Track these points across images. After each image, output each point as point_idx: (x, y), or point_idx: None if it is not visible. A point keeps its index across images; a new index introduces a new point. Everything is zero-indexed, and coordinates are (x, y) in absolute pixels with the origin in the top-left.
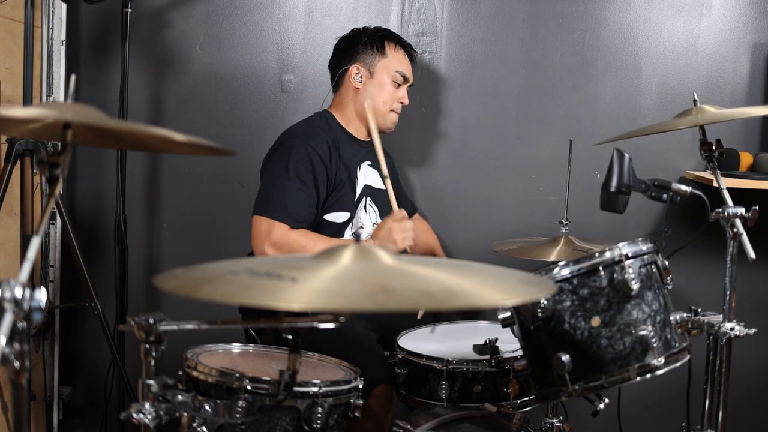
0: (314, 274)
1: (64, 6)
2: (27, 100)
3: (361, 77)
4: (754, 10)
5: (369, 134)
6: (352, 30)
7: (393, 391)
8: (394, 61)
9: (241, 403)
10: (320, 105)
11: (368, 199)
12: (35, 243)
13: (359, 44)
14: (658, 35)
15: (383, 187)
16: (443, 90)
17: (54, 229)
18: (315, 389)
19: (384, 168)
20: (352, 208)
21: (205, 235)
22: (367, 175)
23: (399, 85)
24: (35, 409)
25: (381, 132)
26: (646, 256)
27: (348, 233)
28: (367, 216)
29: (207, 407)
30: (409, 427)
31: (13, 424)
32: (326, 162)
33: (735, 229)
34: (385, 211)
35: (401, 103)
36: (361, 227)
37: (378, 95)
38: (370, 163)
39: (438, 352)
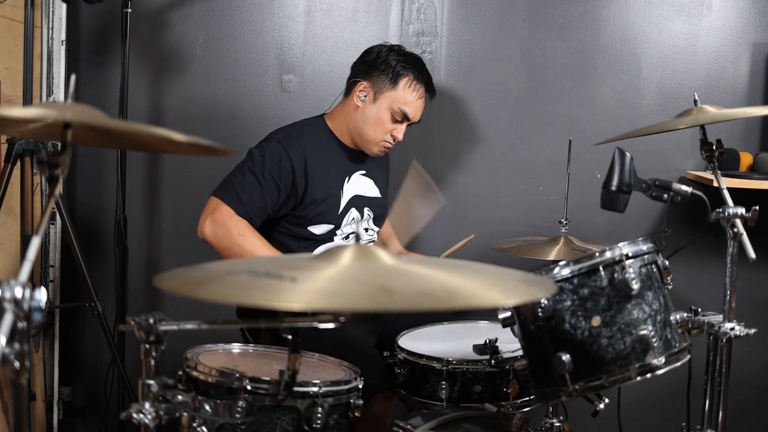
0: (314, 274)
1: (64, 6)
2: (27, 100)
3: (365, 96)
4: (754, 10)
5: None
6: (388, 45)
7: (392, 398)
8: (401, 98)
9: (241, 403)
10: (320, 105)
11: (366, 209)
12: (35, 243)
13: (379, 63)
14: (658, 35)
15: (379, 195)
16: (443, 90)
17: (54, 229)
18: (315, 389)
19: (403, 240)
20: (337, 220)
21: None
22: (357, 185)
23: (398, 121)
24: (35, 409)
25: (365, 152)
26: (646, 256)
27: (338, 239)
28: (361, 225)
29: (207, 407)
30: (409, 427)
31: (13, 424)
32: (297, 171)
33: (735, 229)
34: (381, 218)
35: (393, 137)
36: (360, 223)
37: (372, 122)
38: (364, 172)
39: (438, 352)
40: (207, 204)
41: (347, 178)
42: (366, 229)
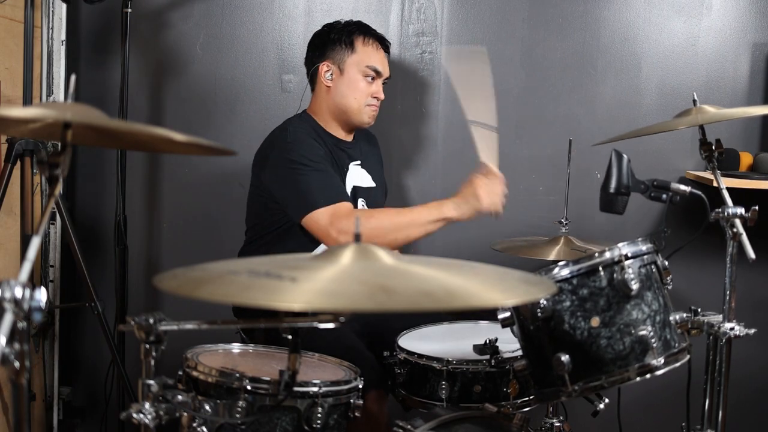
0: (314, 274)
1: (64, 6)
2: (27, 100)
3: (331, 75)
4: (754, 10)
5: (349, 132)
6: (324, 26)
7: (386, 396)
8: (364, 56)
9: (241, 403)
10: (299, 106)
11: (361, 200)
12: (35, 243)
13: (328, 41)
14: (658, 35)
15: (373, 185)
16: (443, 90)
17: (54, 229)
18: (315, 389)
19: (472, 115)
20: None
21: (205, 235)
22: (354, 176)
23: (372, 79)
24: (35, 409)
25: (359, 127)
26: (645, 256)
27: None
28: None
29: (207, 407)
30: (409, 427)
31: (13, 424)
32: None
33: (735, 229)
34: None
35: (375, 97)
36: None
37: (349, 92)
38: (358, 162)
39: (438, 352)
40: (315, 225)
41: (347, 169)
42: None
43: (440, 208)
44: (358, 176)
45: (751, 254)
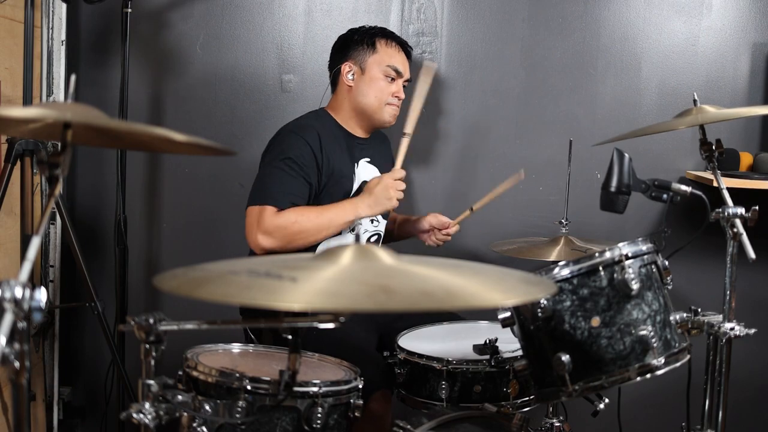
0: (314, 274)
1: (64, 6)
2: (27, 100)
3: (353, 74)
4: (754, 10)
5: (367, 131)
6: (348, 30)
7: (391, 396)
8: (386, 56)
9: (241, 403)
10: (318, 105)
11: None
12: (35, 243)
13: (351, 42)
14: (658, 35)
15: None
16: (443, 90)
17: (54, 229)
18: (315, 389)
19: (409, 126)
20: None
21: (205, 235)
22: (365, 172)
23: (392, 80)
24: (35, 409)
25: (381, 126)
26: (646, 256)
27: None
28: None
29: (207, 407)
30: (409, 427)
31: (13, 424)
32: (316, 152)
33: (735, 229)
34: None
35: (396, 96)
36: (360, 224)
37: (370, 91)
38: (369, 159)
39: (438, 352)
40: (248, 217)
41: (356, 164)
42: (372, 220)
43: (356, 209)
44: (369, 172)
45: (751, 254)
